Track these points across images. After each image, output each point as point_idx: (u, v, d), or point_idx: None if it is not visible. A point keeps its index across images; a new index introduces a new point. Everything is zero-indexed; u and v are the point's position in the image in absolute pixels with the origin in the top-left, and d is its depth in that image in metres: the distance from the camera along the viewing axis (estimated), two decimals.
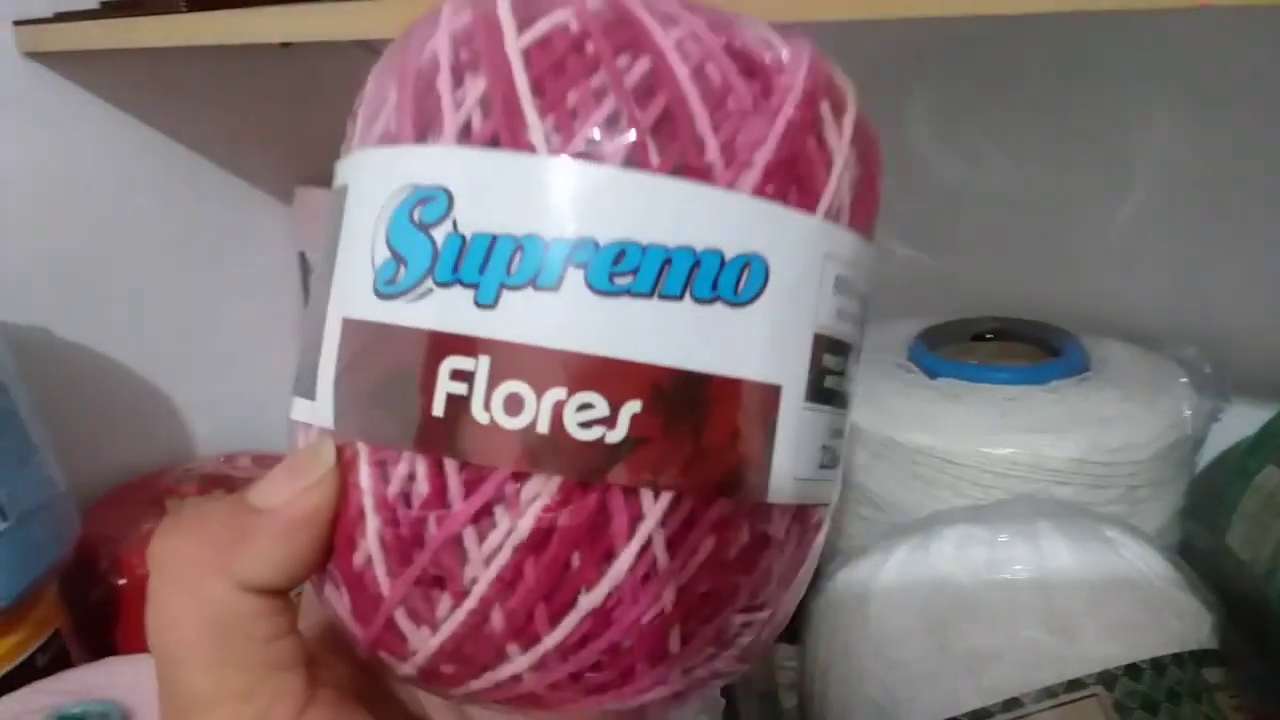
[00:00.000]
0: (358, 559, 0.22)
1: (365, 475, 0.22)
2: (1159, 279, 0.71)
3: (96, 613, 0.81)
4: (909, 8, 0.42)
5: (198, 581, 0.22)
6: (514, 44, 0.22)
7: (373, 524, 0.22)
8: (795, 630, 0.66)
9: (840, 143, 0.23)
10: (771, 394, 0.22)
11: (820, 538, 0.25)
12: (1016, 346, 0.69)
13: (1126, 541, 0.47)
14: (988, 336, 0.70)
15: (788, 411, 0.22)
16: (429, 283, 0.21)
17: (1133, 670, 0.43)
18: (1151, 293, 0.71)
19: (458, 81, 0.22)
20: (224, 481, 0.89)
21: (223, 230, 0.98)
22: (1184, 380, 0.62)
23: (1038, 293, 0.74)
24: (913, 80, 0.75)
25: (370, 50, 0.93)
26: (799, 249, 0.22)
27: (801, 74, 0.23)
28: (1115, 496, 0.58)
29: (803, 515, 0.24)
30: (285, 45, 0.93)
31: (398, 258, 0.22)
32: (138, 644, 0.79)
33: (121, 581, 0.80)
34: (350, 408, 0.22)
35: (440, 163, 0.22)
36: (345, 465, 0.22)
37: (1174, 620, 0.45)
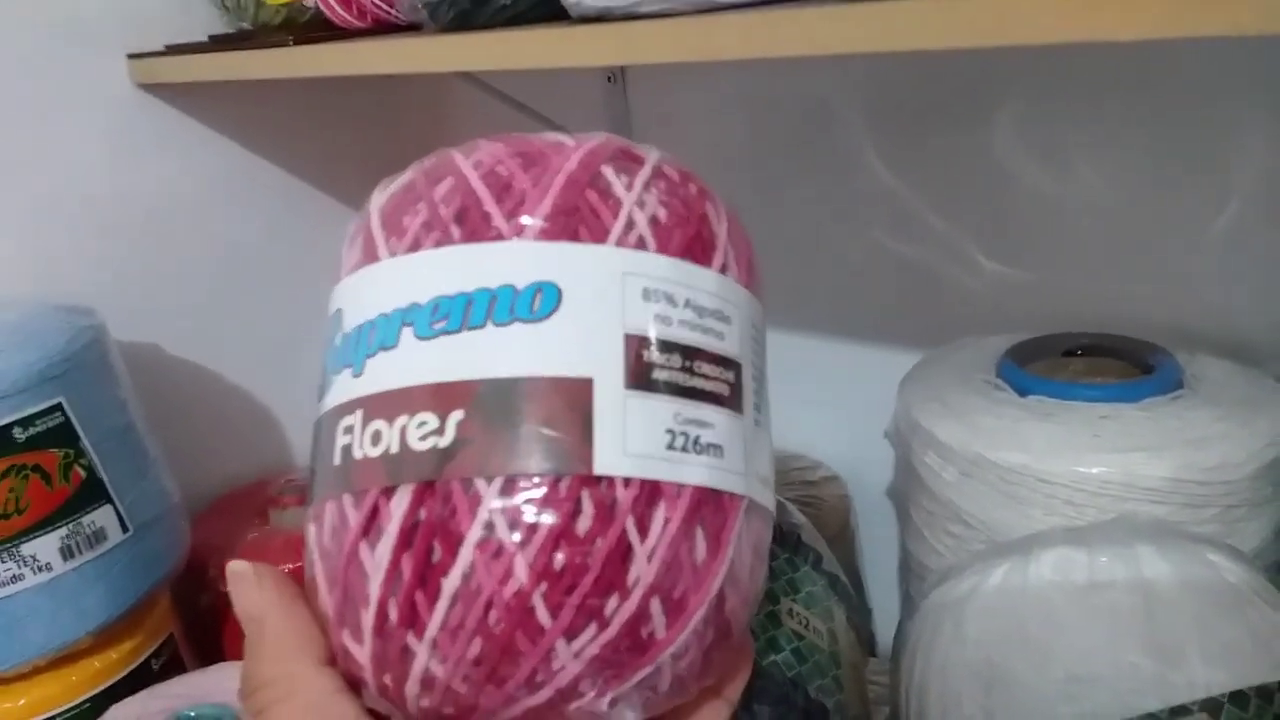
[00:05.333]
0: (320, 601, 0.28)
1: (311, 533, 0.28)
2: (1256, 293, 0.69)
3: (205, 619, 0.85)
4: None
5: (300, 671, 0.27)
6: (376, 202, 0.31)
7: (316, 567, 0.28)
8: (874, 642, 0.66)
9: (629, 192, 0.29)
10: (583, 385, 0.26)
11: (733, 530, 0.28)
12: (1108, 362, 0.69)
13: (1231, 565, 0.47)
14: (1078, 352, 0.70)
15: (605, 398, 0.26)
16: (332, 376, 0.29)
17: (1238, 698, 0.42)
18: (1249, 307, 0.70)
19: (352, 242, 0.31)
20: None
21: (320, 249, 1.01)
22: None
23: (1131, 307, 0.73)
24: (1001, 93, 0.75)
25: (469, 79, 0.95)
26: (591, 270, 0.27)
27: (580, 152, 0.30)
28: (1211, 516, 0.57)
29: (663, 492, 0.26)
30: None
31: (324, 370, 0.30)
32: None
33: (228, 589, 0.83)
34: (309, 491, 0.29)
35: (338, 293, 0.30)
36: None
37: None
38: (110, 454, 0.72)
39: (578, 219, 0.28)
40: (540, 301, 0.27)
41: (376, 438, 0.26)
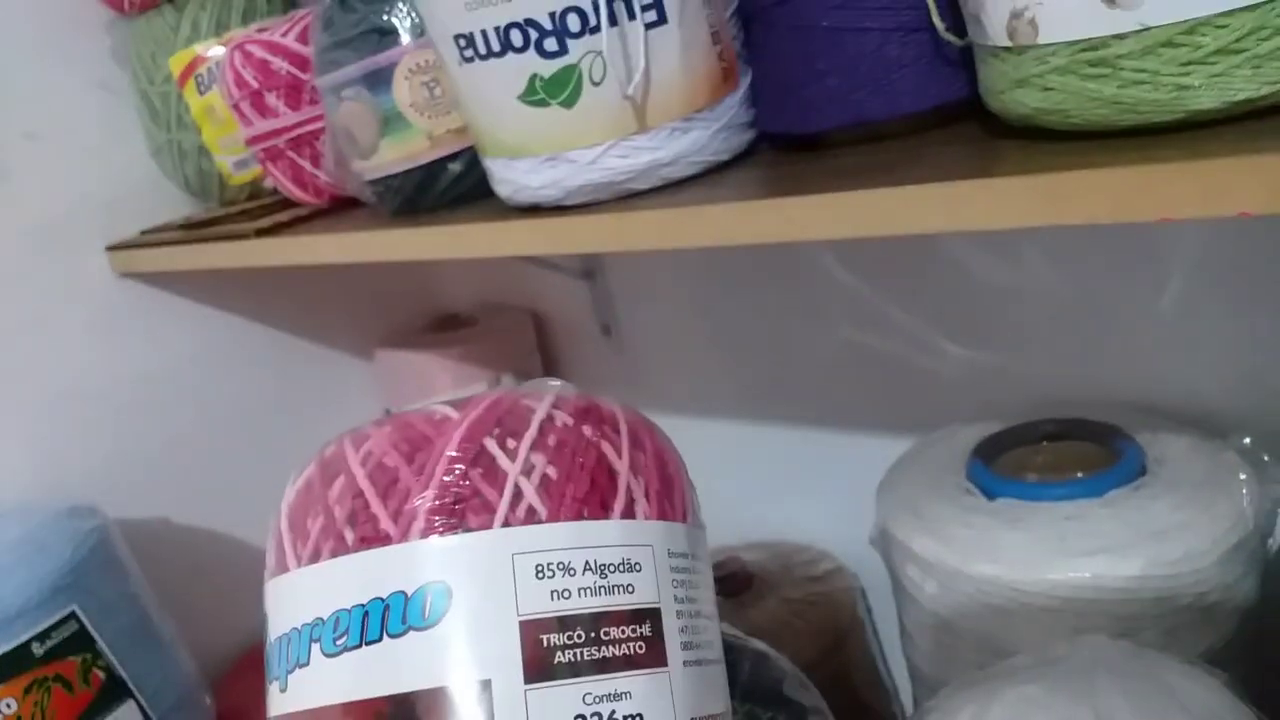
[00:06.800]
0: None
1: None
2: (1209, 363, 0.70)
3: None
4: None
5: None
6: (286, 499, 0.32)
7: None
8: None
9: (514, 462, 0.29)
10: (482, 688, 0.26)
11: None
12: (1076, 446, 0.70)
13: (1191, 688, 0.48)
14: (1044, 441, 0.71)
15: (505, 698, 0.26)
16: (269, 682, 0.29)
17: None
18: (1206, 378, 0.71)
19: (272, 537, 0.32)
20: None
21: (312, 395, 1.04)
22: (1243, 476, 0.62)
23: (1095, 386, 0.74)
24: None
25: None
26: (479, 561, 0.27)
27: (461, 430, 0.29)
28: (1185, 604, 0.58)
29: None
30: None
31: (265, 668, 0.30)
32: None
33: None
34: None
35: (266, 594, 0.31)
36: None
37: None
38: (127, 650, 0.74)
39: (463, 506, 0.28)
40: (430, 605, 0.27)
41: None
